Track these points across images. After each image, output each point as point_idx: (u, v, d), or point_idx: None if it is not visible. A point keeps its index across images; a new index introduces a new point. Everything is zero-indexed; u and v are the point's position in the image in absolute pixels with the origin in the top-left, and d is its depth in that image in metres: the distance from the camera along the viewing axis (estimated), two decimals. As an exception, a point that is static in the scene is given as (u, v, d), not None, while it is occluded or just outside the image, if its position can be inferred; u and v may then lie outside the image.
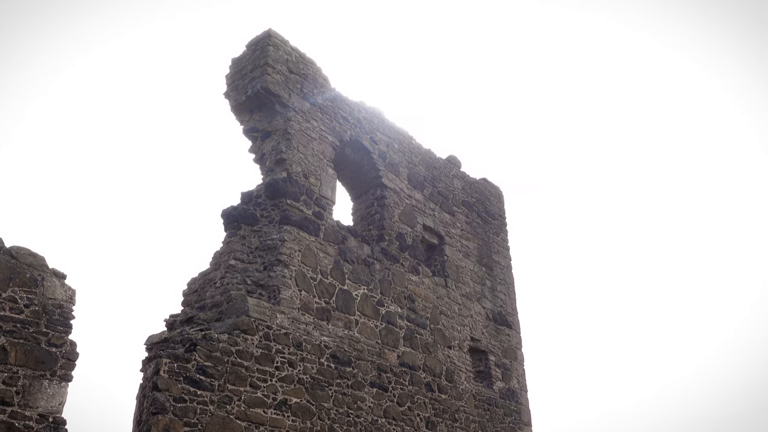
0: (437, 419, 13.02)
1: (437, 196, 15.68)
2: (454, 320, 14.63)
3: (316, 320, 11.28)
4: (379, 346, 12.35)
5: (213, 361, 9.40)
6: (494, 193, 18.33)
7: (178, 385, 8.87)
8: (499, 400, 15.07)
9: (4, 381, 7.15)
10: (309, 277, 11.49)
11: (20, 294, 7.57)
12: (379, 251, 13.23)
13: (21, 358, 7.35)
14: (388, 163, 14.38)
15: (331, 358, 11.28)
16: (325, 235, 12.13)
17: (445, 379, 13.68)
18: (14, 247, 7.73)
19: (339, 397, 11.14)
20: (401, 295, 13.36)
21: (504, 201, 18.74)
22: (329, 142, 13.02)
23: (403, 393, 12.46)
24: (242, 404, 9.56)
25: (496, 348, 15.71)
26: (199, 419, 8.93)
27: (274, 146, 12.19)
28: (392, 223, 13.91)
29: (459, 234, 15.99)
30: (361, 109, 14.16)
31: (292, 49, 12.90)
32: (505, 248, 17.78)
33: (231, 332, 9.86)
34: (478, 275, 16.14)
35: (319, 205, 12.26)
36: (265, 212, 11.68)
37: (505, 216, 18.48)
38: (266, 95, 12.10)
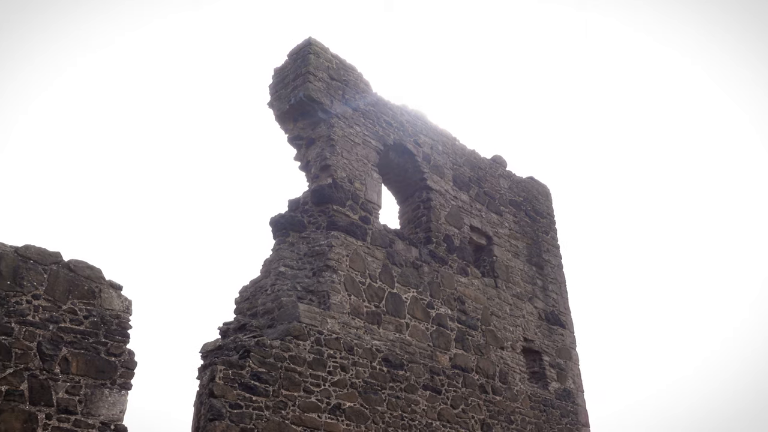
0: (492, 421, 12.90)
1: (483, 196, 15.57)
2: (505, 321, 14.49)
3: (366, 324, 11.31)
4: (430, 349, 12.31)
5: (267, 367, 9.51)
6: (542, 191, 18.11)
7: (234, 391, 8.99)
8: (555, 401, 14.84)
9: (67, 390, 7.36)
10: (358, 281, 11.53)
11: (79, 306, 7.79)
12: (426, 254, 13.20)
13: (82, 367, 7.56)
14: (432, 165, 14.35)
15: (383, 362, 11.28)
16: (372, 240, 12.16)
17: (499, 380, 13.54)
18: (72, 260, 7.97)
19: (392, 401, 11.13)
20: (451, 296, 13.30)
21: (552, 199, 18.50)
22: (373, 147, 13.07)
23: (456, 395, 12.38)
24: (297, 409, 9.64)
25: (549, 348, 15.48)
26: (255, 425, 9.03)
27: (318, 153, 12.30)
28: (439, 225, 13.86)
29: (507, 234, 15.84)
30: (403, 112, 14.18)
31: (333, 56, 13.01)
32: (555, 246, 17.53)
33: (283, 338, 9.96)
34: (528, 275, 15.95)
35: (365, 209, 12.30)
36: (312, 219, 11.79)
37: (553, 214, 18.24)
38: (309, 103, 12.23)
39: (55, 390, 7.27)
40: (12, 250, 7.51)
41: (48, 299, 7.56)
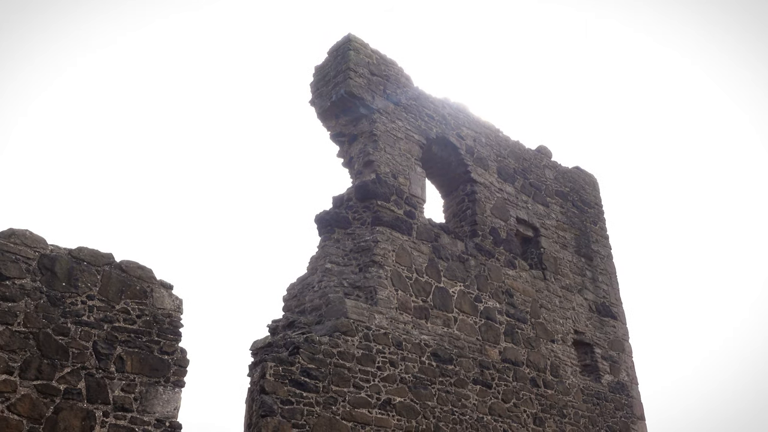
0: (545, 415, 12.71)
1: (529, 187, 15.36)
2: (555, 313, 14.26)
3: (414, 319, 11.26)
4: (479, 343, 12.19)
5: (316, 363, 9.55)
6: (588, 181, 17.78)
7: (284, 387, 9.05)
8: (609, 393, 14.56)
9: (123, 388, 7.51)
10: (404, 276, 11.49)
11: (132, 305, 7.94)
12: (473, 247, 13.08)
13: (137, 366, 7.70)
14: (476, 157, 14.21)
15: (432, 357, 11.22)
16: (417, 234, 12.10)
17: (551, 373, 13.34)
18: (124, 261, 8.12)
19: (443, 395, 11.07)
20: (499, 290, 13.15)
21: (599, 189, 18.14)
22: (415, 141, 13.00)
23: (507, 389, 12.24)
24: (347, 405, 9.65)
25: (601, 340, 15.19)
26: (306, 420, 9.08)
27: (361, 149, 12.29)
28: (484, 217, 13.72)
29: (554, 225, 15.59)
30: (445, 105, 14.07)
31: (373, 51, 12.98)
32: (604, 237, 17.20)
33: (331, 334, 9.98)
34: (577, 266, 15.68)
35: (409, 204, 12.25)
36: (356, 215, 11.79)
37: (601, 204, 17.89)
38: (350, 99, 12.22)
39: (111, 388, 7.42)
40: (66, 252, 7.69)
41: (102, 299, 7.72)
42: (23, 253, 7.37)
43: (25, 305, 7.15)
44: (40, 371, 7.02)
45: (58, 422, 6.96)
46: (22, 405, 6.81)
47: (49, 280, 7.41)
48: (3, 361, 6.82)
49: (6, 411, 6.70)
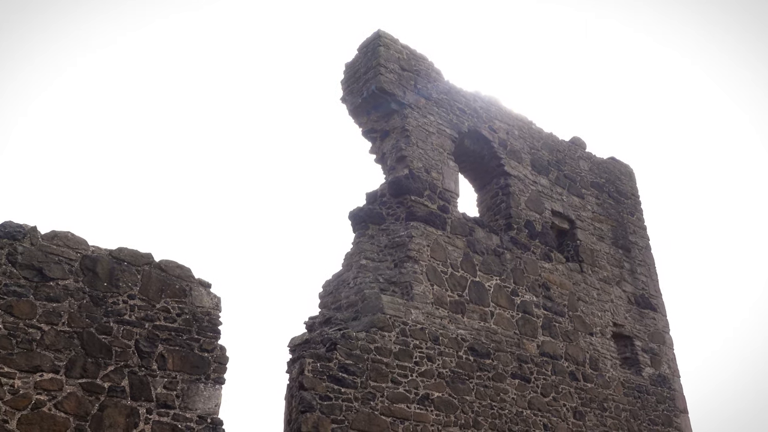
0: (585, 409, 12.57)
1: (564, 179, 15.19)
2: (593, 306, 14.09)
3: (450, 314, 11.22)
4: (517, 337, 12.11)
5: (353, 359, 9.58)
6: (624, 171, 17.52)
7: (323, 383, 9.10)
8: (650, 386, 14.34)
9: (165, 386, 7.63)
10: (440, 271, 11.46)
11: (172, 304, 8.06)
12: (508, 240, 12.99)
13: (178, 363, 7.82)
14: (509, 150, 14.10)
15: (469, 351, 11.18)
16: (452, 228, 12.06)
17: (590, 367, 13.19)
18: (163, 260, 8.25)
19: (481, 390, 11.02)
20: (535, 283, 13.04)
21: (636, 179, 17.87)
22: (448, 135, 12.95)
23: (546, 383, 12.13)
24: (385, 400, 9.67)
25: (641, 333, 14.97)
26: (345, 416, 9.12)
27: (393, 144, 12.28)
28: (519, 210, 13.61)
29: (590, 217, 15.40)
30: (476, 98, 13.99)
31: (403, 47, 12.96)
32: (641, 228, 16.94)
33: (368, 330, 10.00)
34: (615, 258, 15.47)
35: (443, 198, 12.21)
36: (390, 210, 11.79)
37: (638, 194, 17.62)
38: (381, 95, 12.22)
39: (153, 386, 7.55)
40: (107, 253, 7.84)
41: (142, 299, 7.85)
42: (66, 254, 7.54)
43: (69, 305, 7.31)
44: (84, 369, 7.17)
45: (104, 419, 7.11)
46: (69, 403, 6.96)
47: (91, 280, 7.56)
48: (49, 360, 6.99)
49: (53, 408, 6.86)
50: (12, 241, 7.24)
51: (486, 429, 10.72)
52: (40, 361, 6.94)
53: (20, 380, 6.77)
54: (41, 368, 6.92)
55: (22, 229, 7.37)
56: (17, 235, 7.30)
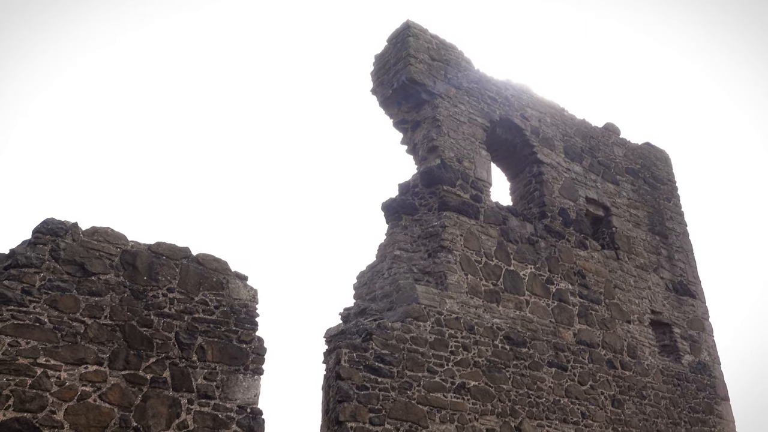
0: (623, 397, 12.46)
1: (598, 166, 15.02)
2: (630, 293, 13.93)
3: (485, 303, 11.21)
4: (553, 325, 12.04)
5: (389, 348, 9.63)
6: (660, 156, 17.25)
7: (359, 373, 9.17)
8: (690, 374, 14.14)
9: (205, 377, 7.78)
10: (474, 260, 11.44)
11: (210, 297, 8.20)
12: (542, 228, 12.90)
13: (217, 355, 7.96)
14: (541, 138, 13.98)
15: (505, 340, 11.15)
16: (485, 218, 12.02)
17: (628, 355, 13.06)
18: (200, 254, 8.39)
19: (517, 379, 10.99)
20: (570, 271, 12.94)
21: (672, 164, 17.57)
22: (479, 124, 12.89)
23: (583, 371, 12.05)
24: (422, 389, 9.71)
25: (680, 320, 14.76)
26: (382, 405, 9.18)
27: (424, 135, 12.28)
28: (553, 198, 13.51)
29: (626, 203, 15.21)
30: (507, 86, 13.89)
31: (432, 36, 12.92)
32: (678, 214, 16.67)
33: (403, 320, 10.04)
34: (651, 245, 15.26)
35: (475, 188, 12.17)
36: (423, 201, 11.79)
37: (674, 180, 17.33)
38: (411, 85, 12.21)
39: (194, 377, 7.70)
40: (146, 248, 8.00)
41: (181, 292, 8.00)
42: (106, 249, 7.71)
43: (111, 299, 7.49)
44: (127, 361, 7.34)
45: (147, 410, 7.27)
46: (113, 394, 7.14)
47: (131, 274, 7.73)
48: (93, 353, 7.17)
49: (98, 399, 7.04)
50: (54, 238, 7.43)
51: (523, 417, 10.70)
52: (85, 353, 7.12)
53: (66, 372, 6.96)
54: (86, 360, 7.10)
55: (63, 226, 7.56)
56: (59, 232, 7.49)
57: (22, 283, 7.05)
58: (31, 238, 7.39)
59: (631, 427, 12.24)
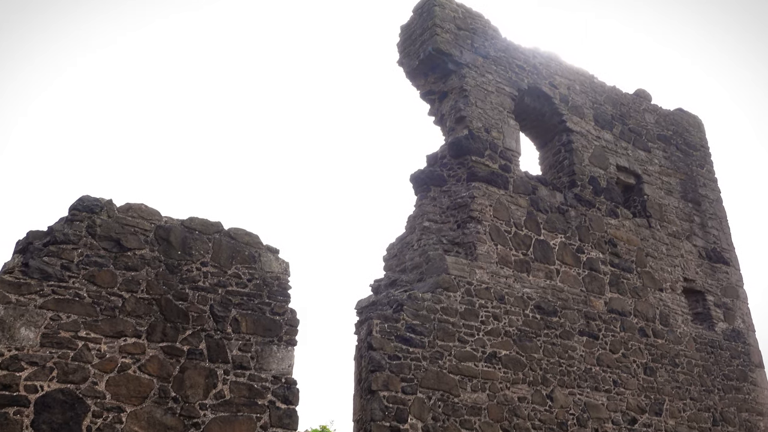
0: (656, 365, 12.42)
1: (628, 133, 14.80)
2: (662, 261, 13.81)
3: (515, 273, 11.21)
4: (584, 294, 12.00)
5: (420, 319, 9.71)
6: (693, 122, 16.93)
7: (391, 343, 9.28)
8: (724, 341, 14.02)
9: (240, 348, 7.93)
10: (503, 230, 11.42)
11: (242, 270, 8.33)
12: (572, 197, 12.81)
13: (251, 327, 8.11)
14: (570, 106, 13.81)
15: (535, 309, 11.16)
16: (514, 188, 11.96)
17: (660, 323, 12.98)
18: (232, 228, 8.50)
19: (548, 348, 11.01)
20: (601, 240, 12.85)
21: (705, 130, 17.24)
22: (507, 93, 12.77)
23: (615, 340, 12.03)
24: (453, 359, 9.79)
25: (713, 287, 14.60)
26: (414, 375, 9.29)
27: (452, 105, 12.21)
28: (583, 167, 13.37)
29: (658, 171, 15.00)
30: (535, 54, 13.71)
31: (458, 5, 12.78)
32: (711, 180, 16.40)
33: (434, 291, 10.11)
34: (684, 212, 15.06)
35: (504, 157, 12.10)
36: (451, 172, 11.77)
37: (707, 146, 17.03)
38: (438, 56, 12.12)
39: (229, 348, 7.86)
40: (179, 223, 8.13)
41: (215, 266, 8.14)
42: (141, 225, 7.86)
43: (147, 273, 7.65)
44: (164, 334, 7.52)
45: (185, 380, 7.46)
46: (152, 365, 7.33)
47: (165, 249, 7.88)
48: (131, 326, 7.36)
49: (138, 371, 7.24)
50: (90, 215, 7.59)
51: (555, 386, 10.75)
52: (123, 326, 7.31)
53: (106, 345, 7.16)
54: (124, 333, 7.29)
55: (98, 203, 7.71)
56: (95, 209, 7.65)
57: (61, 259, 7.23)
58: (67, 215, 7.56)
59: (664, 394, 12.22)
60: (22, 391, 6.57)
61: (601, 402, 11.24)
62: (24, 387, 6.60)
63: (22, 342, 6.74)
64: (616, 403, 11.43)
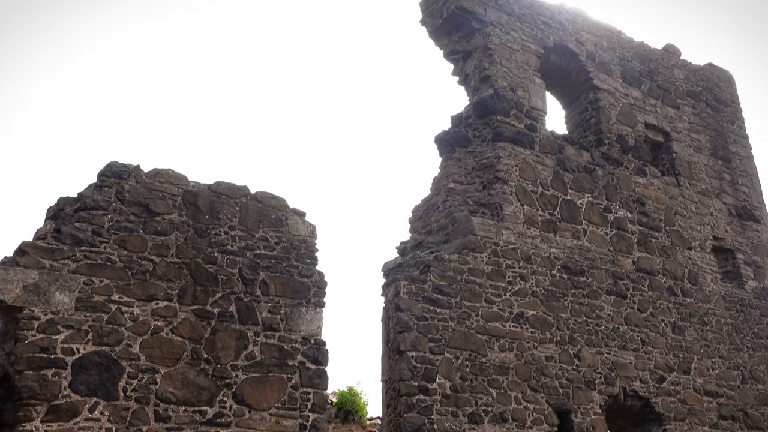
0: (684, 324, 12.35)
1: (657, 90, 14.50)
2: (691, 220, 13.63)
3: (542, 233, 11.15)
4: (611, 254, 11.92)
5: (447, 280, 9.73)
6: (723, 77, 16.52)
7: (418, 304, 9.32)
8: (753, 300, 13.87)
9: (269, 310, 8.03)
10: (529, 190, 11.33)
11: (270, 233, 8.38)
12: (599, 156, 12.64)
13: (279, 289, 8.19)
14: (597, 63, 13.54)
15: (562, 269, 11.12)
16: (540, 147, 11.83)
17: (689, 282, 12.87)
18: (258, 192, 8.54)
19: (576, 307, 10.99)
20: (629, 199, 12.70)
21: (735, 85, 16.82)
22: (532, 51, 12.54)
23: (643, 299, 11.96)
24: (480, 319, 9.82)
25: (743, 245, 14.40)
26: (441, 335, 9.35)
27: (476, 65, 12.03)
28: (610, 125, 13.16)
29: (687, 128, 14.71)
30: (561, 11, 13.41)
31: (482, -39, 12.49)
32: (742, 137, 16.05)
33: (460, 252, 10.10)
34: (713, 169, 14.80)
35: (530, 117, 11.94)
36: (476, 132, 11.65)
37: (738, 102, 16.62)
38: (462, 14, 11.92)
39: (258, 310, 7.96)
40: (206, 187, 8.18)
41: (242, 229, 8.20)
42: (168, 190, 7.92)
43: (176, 238, 7.73)
44: (195, 297, 7.63)
45: (216, 342, 7.58)
46: (183, 327, 7.46)
47: (193, 213, 7.95)
48: (162, 289, 7.47)
49: (170, 333, 7.37)
50: (119, 180, 7.66)
51: (582, 345, 10.75)
52: (155, 290, 7.42)
53: (138, 308, 7.29)
54: (156, 297, 7.41)
55: (126, 168, 7.77)
56: (123, 174, 7.71)
57: (91, 224, 7.33)
58: (96, 181, 7.64)
59: (692, 353, 12.18)
60: (59, 354, 6.73)
61: (629, 361, 11.24)
62: (61, 350, 6.75)
63: (57, 306, 6.88)
64: (644, 361, 11.42)
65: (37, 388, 6.51)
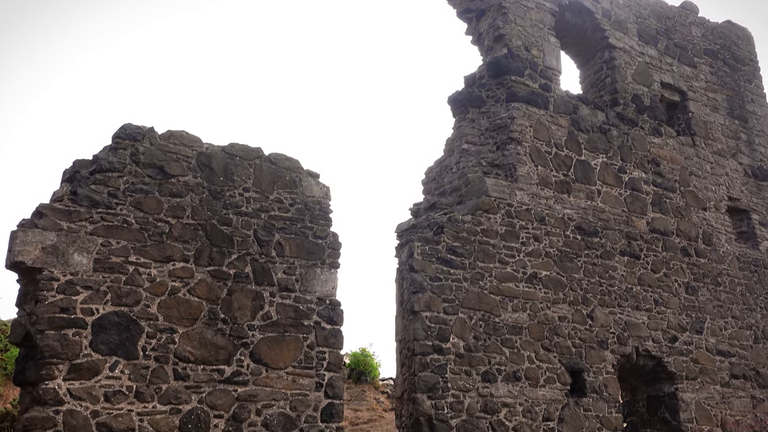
0: (698, 284, 12.34)
1: (674, 48, 14.26)
2: (706, 180, 13.52)
3: (556, 194, 11.10)
4: (625, 214, 11.87)
5: (461, 241, 9.74)
6: (741, 35, 16.21)
7: (432, 265, 9.36)
8: (768, 260, 13.83)
9: (285, 271, 8.08)
10: (543, 151, 11.25)
11: (284, 195, 8.40)
12: (614, 116, 12.50)
13: (294, 250, 8.23)
14: (613, 21, 13.30)
15: (576, 230, 11.10)
16: (554, 107, 11.71)
17: (703, 242, 12.82)
18: (272, 153, 8.53)
19: (589, 268, 11.00)
20: (644, 159, 12.59)
21: (754, 43, 16.51)
22: (547, 9, 12.33)
23: (656, 260, 11.95)
24: (494, 279, 9.86)
25: (758, 206, 14.30)
26: (455, 295, 9.40)
27: (490, 23, 11.86)
28: (625, 85, 12.99)
29: (704, 87, 14.50)
30: (577, -33, 13.13)
31: None
32: (760, 96, 15.82)
33: (474, 213, 10.09)
34: (730, 129, 14.62)
35: (544, 77, 11.80)
36: (490, 92, 11.54)
37: (756, 60, 16.33)
38: (476, -29, 11.69)
39: (274, 271, 8.02)
40: (220, 149, 8.18)
41: (257, 191, 8.22)
42: (182, 152, 7.93)
43: (191, 200, 7.76)
44: (211, 258, 7.68)
45: (233, 302, 7.66)
46: (200, 288, 7.53)
47: (208, 175, 7.96)
48: (179, 251, 7.52)
49: (187, 294, 7.45)
50: (133, 142, 7.67)
51: (595, 305, 10.78)
52: (171, 251, 7.48)
53: (156, 269, 7.36)
54: (173, 258, 7.47)
55: (140, 131, 7.77)
56: (137, 136, 7.71)
57: (107, 186, 7.36)
58: (111, 143, 7.64)
59: (705, 313, 12.20)
60: (79, 314, 6.83)
61: (642, 321, 11.27)
62: (80, 310, 6.85)
63: (75, 267, 6.95)
64: (656, 321, 11.45)
65: (59, 347, 6.62)
